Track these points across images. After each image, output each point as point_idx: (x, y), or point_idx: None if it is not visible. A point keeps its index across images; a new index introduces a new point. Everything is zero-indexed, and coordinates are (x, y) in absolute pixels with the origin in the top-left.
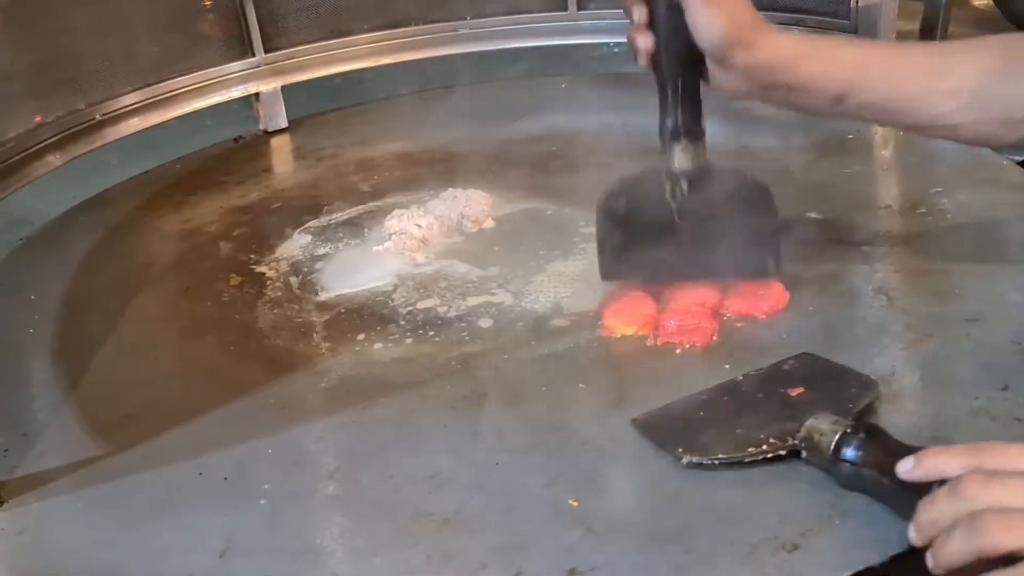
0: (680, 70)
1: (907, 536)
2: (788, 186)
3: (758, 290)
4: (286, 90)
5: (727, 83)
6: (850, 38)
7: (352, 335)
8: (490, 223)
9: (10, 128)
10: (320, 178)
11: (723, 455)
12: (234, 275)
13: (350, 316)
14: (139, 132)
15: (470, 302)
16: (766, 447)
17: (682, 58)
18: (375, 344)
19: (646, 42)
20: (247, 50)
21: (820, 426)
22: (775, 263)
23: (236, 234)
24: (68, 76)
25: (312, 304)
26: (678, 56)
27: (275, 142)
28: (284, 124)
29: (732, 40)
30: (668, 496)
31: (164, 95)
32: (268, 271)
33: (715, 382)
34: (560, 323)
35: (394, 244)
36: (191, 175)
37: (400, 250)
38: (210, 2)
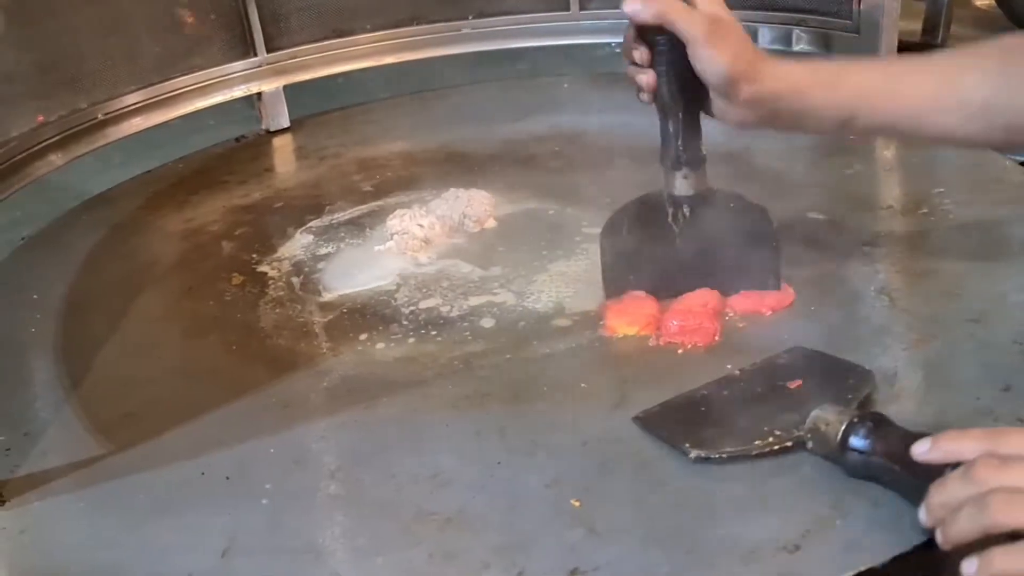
0: (682, 104)
1: (907, 536)
2: (790, 186)
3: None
4: (288, 90)
5: (733, 115)
6: (853, 60)
7: (354, 335)
8: (492, 223)
9: (12, 127)
10: (322, 178)
11: (730, 449)
12: (236, 274)
13: (352, 316)
14: (141, 131)
15: (472, 302)
16: (772, 439)
17: (684, 93)
18: (377, 344)
19: (648, 80)
20: (249, 50)
21: (826, 416)
22: (775, 283)
23: (238, 234)
24: (70, 76)
25: (314, 304)
26: (680, 91)
27: (277, 142)
28: (286, 124)
29: (737, 75)
30: (669, 496)
31: (166, 95)
32: (270, 271)
33: None
34: (562, 323)
35: (396, 244)
36: (193, 175)
37: (402, 250)
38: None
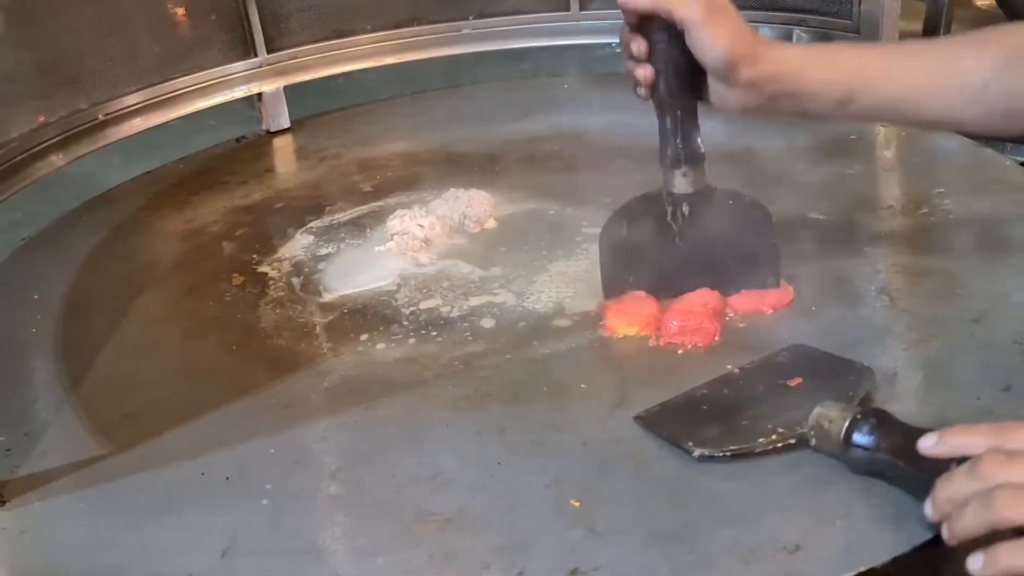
0: (680, 98)
1: (907, 537)
2: (791, 186)
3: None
4: (289, 90)
5: (733, 100)
6: (852, 43)
7: (355, 335)
8: (492, 223)
9: (13, 128)
10: (322, 178)
11: (734, 447)
12: (237, 275)
13: (352, 316)
14: (142, 132)
15: (472, 302)
16: (775, 437)
17: (682, 85)
18: (377, 344)
19: (646, 73)
20: (250, 50)
21: (829, 413)
22: (774, 280)
23: (239, 234)
24: (71, 76)
25: (314, 304)
26: (678, 83)
27: (278, 142)
28: (287, 124)
29: (737, 57)
30: (669, 496)
31: (167, 95)
32: (270, 271)
33: None
34: (562, 323)
35: (396, 244)
36: (194, 175)
37: (402, 250)
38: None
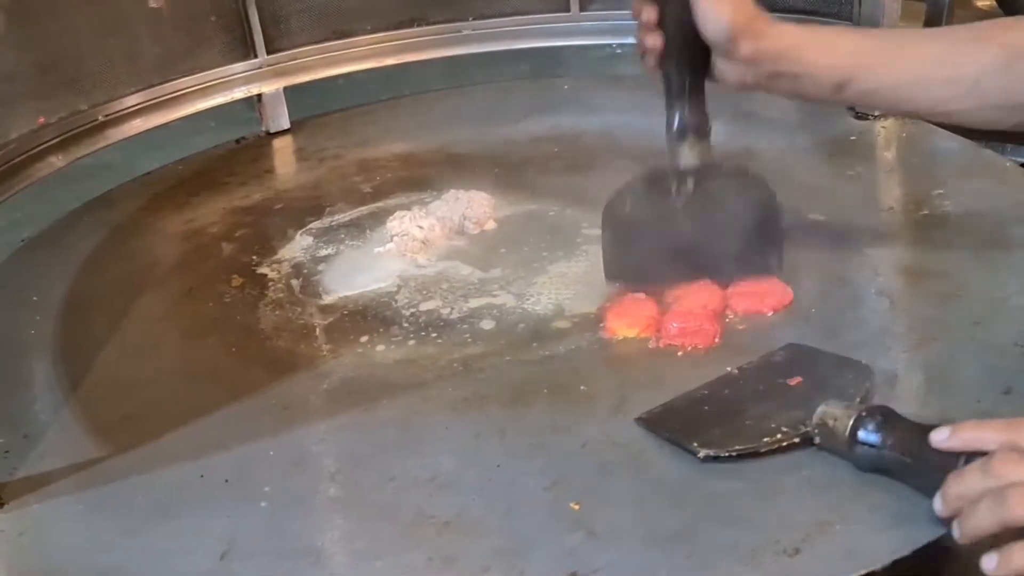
0: (688, 67)
1: (907, 540)
2: (791, 187)
3: (761, 288)
4: (288, 91)
5: (733, 75)
6: (853, 28)
7: (354, 337)
8: (492, 224)
9: (13, 129)
10: (322, 179)
11: (739, 447)
12: (236, 276)
13: (352, 318)
14: (142, 133)
15: (472, 304)
16: (780, 436)
17: (690, 54)
18: (377, 346)
19: (655, 41)
20: (250, 51)
21: (833, 411)
22: (778, 262)
23: (238, 235)
24: (70, 77)
25: (314, 306)
26: (686, 53)
27: (277, 143)
28: (286, 125)
29: (738, 30)
30: (669, 499)
31: (167, 96)
32: (270, 272)
33: None
34: (562, 325)
35: (396, 246)
36: (193, 176)
37: (402, 252)
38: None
